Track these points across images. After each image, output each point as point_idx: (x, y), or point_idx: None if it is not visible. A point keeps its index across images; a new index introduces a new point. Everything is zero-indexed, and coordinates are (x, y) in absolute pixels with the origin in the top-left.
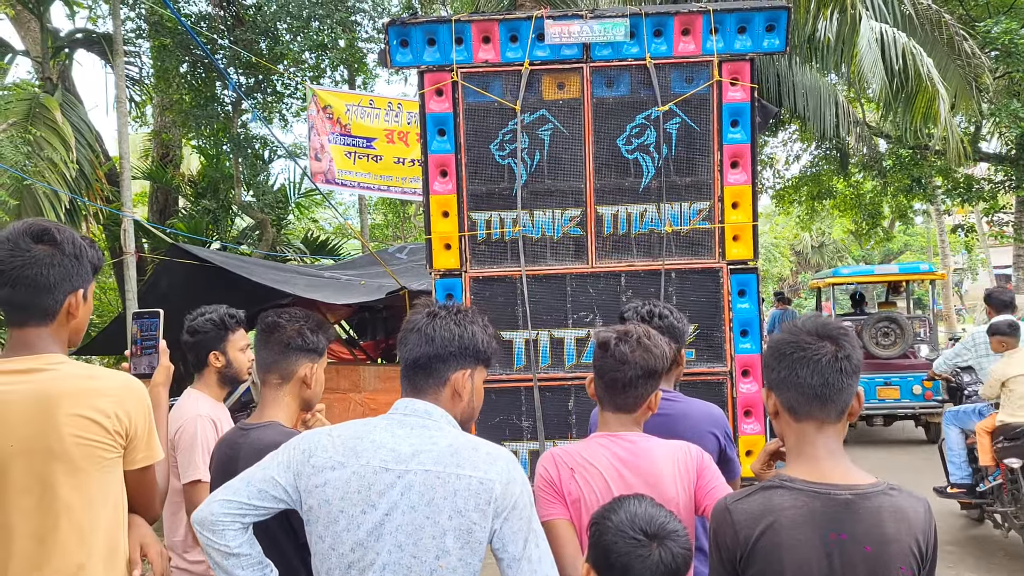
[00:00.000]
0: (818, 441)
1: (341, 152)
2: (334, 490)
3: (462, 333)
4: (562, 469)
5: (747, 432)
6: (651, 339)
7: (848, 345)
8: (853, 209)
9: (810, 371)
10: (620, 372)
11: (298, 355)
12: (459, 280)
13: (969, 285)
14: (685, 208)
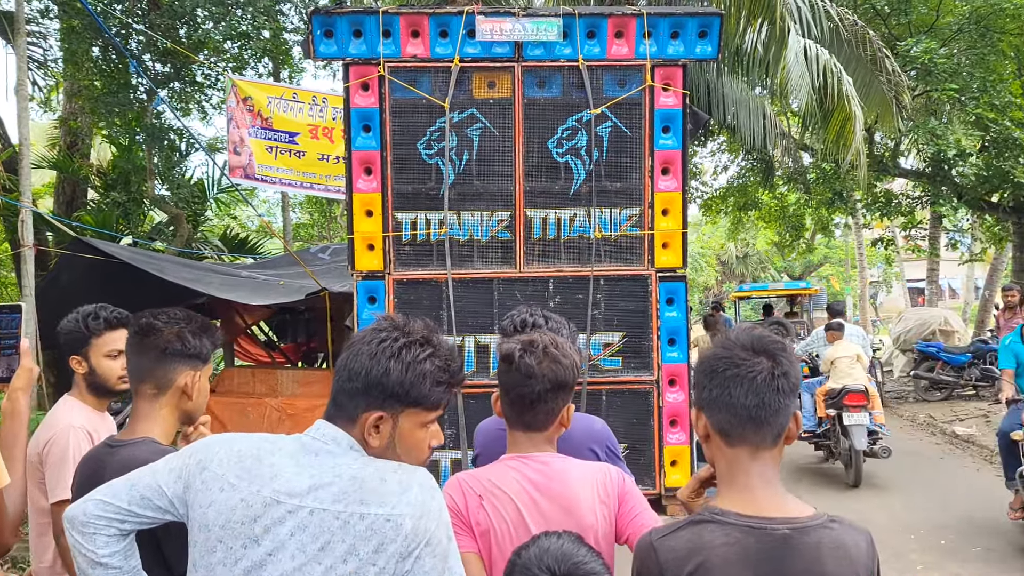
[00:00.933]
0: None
1: (262, 146)
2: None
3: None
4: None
5: (672, 442)
6: (559, 348)
7: (786, 361)
8: (777, 220)
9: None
10: (527, 387)
11: (177, 362)
12: (382, 282)
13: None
14: (615, 214)
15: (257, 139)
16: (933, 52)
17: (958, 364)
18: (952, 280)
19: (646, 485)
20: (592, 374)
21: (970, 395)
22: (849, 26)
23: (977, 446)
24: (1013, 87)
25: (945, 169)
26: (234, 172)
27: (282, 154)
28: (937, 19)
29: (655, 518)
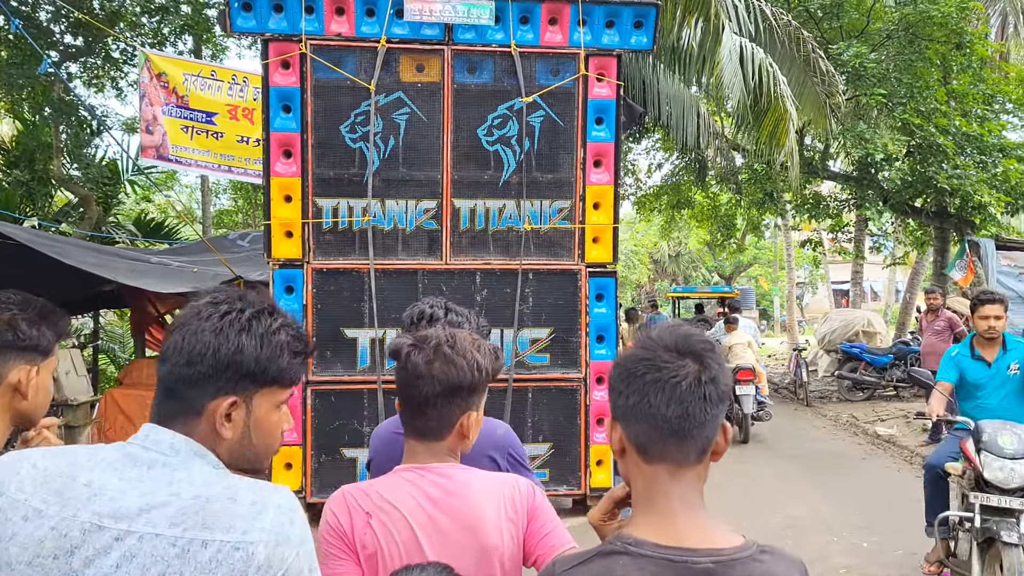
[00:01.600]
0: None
1: (177, 126)
2: (21, 550)
3: (219, 346)
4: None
5: (598, 441)
6: (455, 347)
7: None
8: (710, 220)
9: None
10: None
11: (9, 354)
12: (300, 271)
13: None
14: (546, 206)
15: (172, 118)
16: (863, 57)
17: (880, 365)
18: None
19: (571, 485)
20: (519, 370)
21: (891, 396)
22: (783, 26)
23: (898, 447)
24: (938, 94)
25: (872, 173)
26: (146, 152)
27: (199, 135)
28: (868, 24)
29: (566, 537)
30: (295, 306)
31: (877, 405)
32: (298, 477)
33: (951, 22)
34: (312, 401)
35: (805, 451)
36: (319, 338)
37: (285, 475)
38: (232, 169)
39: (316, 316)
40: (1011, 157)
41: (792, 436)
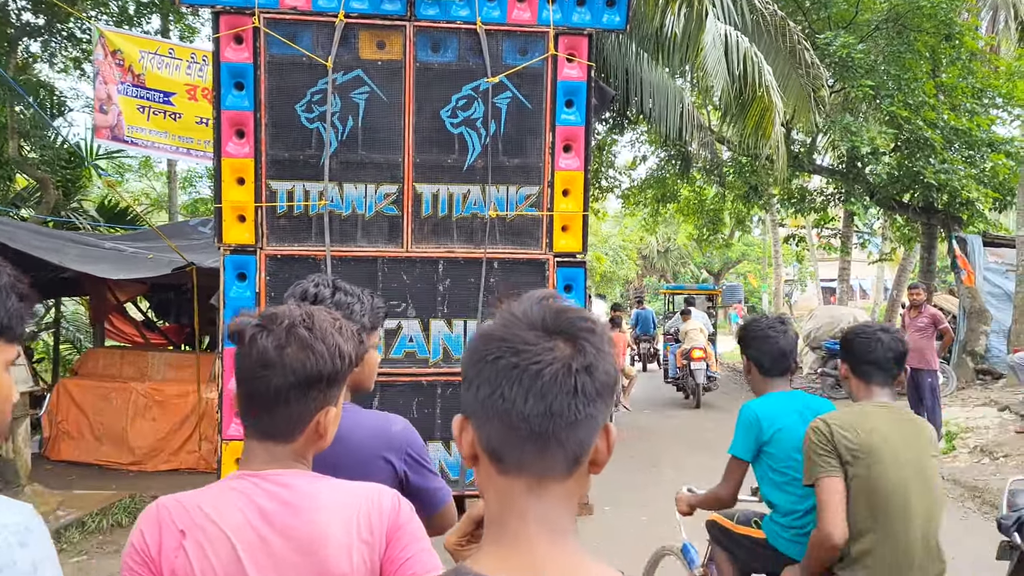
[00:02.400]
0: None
1: (132, 105)
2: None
3: None
4: (166, 533)
5: None
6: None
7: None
8: (695, 214)
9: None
10: (261, 379)
11: None
12: (253, 258)
13: (798, 296)
14: (512, 192)
15: (127, 97)
16: (851, 47)
17: None
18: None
19: None
20: None
21: None
22: (770, 16)
23: None
24: (927, 87)
25: (859, 167)
26: (100, 133)
27: (156, 115)
28: (856, 15)
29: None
30: (247, 294)
31: None
32: None
33: (941, 13)
34: None
35: None
36: None
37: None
38: (191, 152)
39: (270, 304)
40: (1000, 152)
41: None
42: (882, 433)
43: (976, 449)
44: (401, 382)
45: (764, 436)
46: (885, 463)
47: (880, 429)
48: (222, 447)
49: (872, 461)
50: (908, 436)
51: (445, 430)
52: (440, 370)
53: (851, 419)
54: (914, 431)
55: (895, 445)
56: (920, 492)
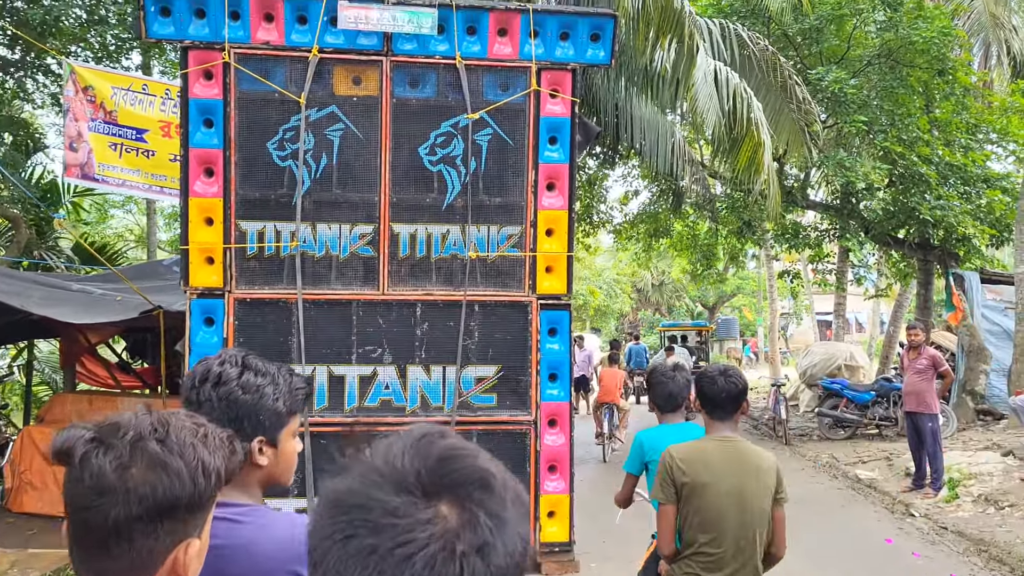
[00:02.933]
0: None
1: (104, 143)
2: None
3: None
4: None
5: (550, 490)
6: (169, 440)
7: (487, 517)
8: (689, 249)
9: None
10: (96, 510)
11: None
12: (221, 301)
13: (794, 329)
14: (493, 232)
15: (99, 134)
16: (843, 82)
17: (862, 402)
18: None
19: None
20: (463, 412)
21: (873, 434)
22: (760, 51)
23: (879, 492)
24: (921, 122)
25: (853, 203)
26: (70, 171)
27: (128, 152)
28: (848, 50)
29: None
30: (214, 339)
31: (859, 445)
32: None
33: (933, 48)
34: None
35: None
36: None
37: None
38: (164, 190)
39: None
40: (995, 188)
41: None
42: (712, 469)
43: (980, 498)
44: (377, 432)
45: (646, 457)
46: (707, 497)
47: (711, 464)
48: None
49: (697, 495)
50: (735, 467)
51: None
52: (418, 419)
53: (691, 455)
54: (740, 462)
55: (720, 476)
56: (735, 514)
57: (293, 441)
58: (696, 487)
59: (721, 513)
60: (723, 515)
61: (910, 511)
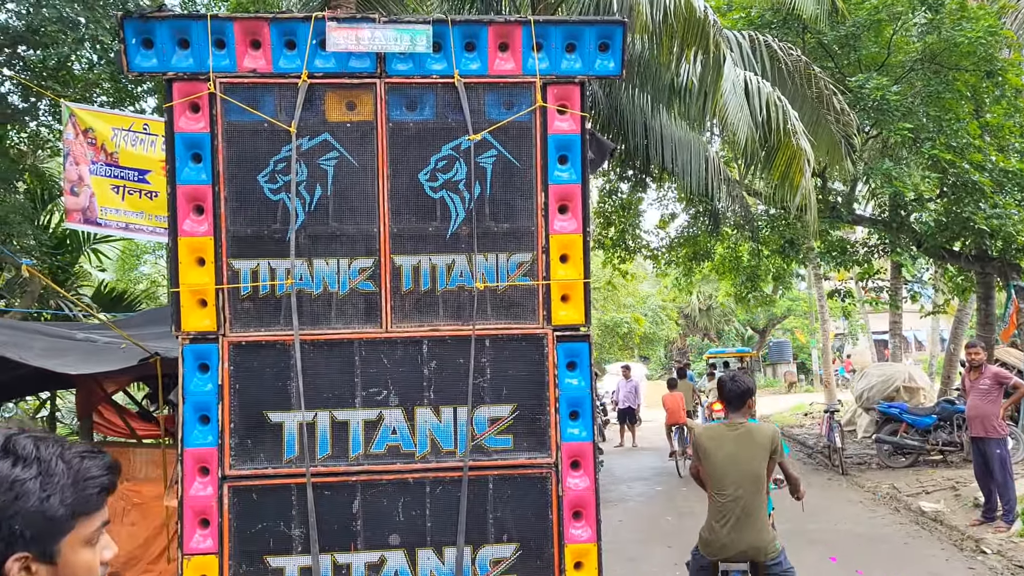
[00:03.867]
0: None
1: (106, 185)
2: None
3: None
4: None
5: (576, 539)
6: None
7: None
8: (731, 272)
9: None
10: None
11: None
12: (215, 346)
13: (850, 350)
14: (502, 260)
15: (100, 177)
16: (885, 89)
17: (923, 427)
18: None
19: None
20: (476, 456)
21: (937, 461)
22: (792, 63)
23: (946, 526)
24: (971, 127)
25: (903, 215)
26: (71, 216)
27: (131, 194)
28: (888, 56)
29: None
30: (209, 387)
31: (921, 473)
32: None
33: (980, 50)
34: (230, 500)
35: (836, 534)
36: (238, 423)
37: None
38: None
39: (234, 398)
40: None
41: (822, 513)
42: (717, 441)
43: None
44: (384, 480)
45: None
46: (715, 461)
47: (718, 438)
48: (183, 563)
49: (708, 458)
50: (735, 441)
51: (437, 534)
52: (428, 465)
53: (708, 432)
54: (740, 437)
55: (725, 449)
56: (732, 474)
57: (87, 551)
58: (708, 452)
59: (723, 470)
60: (724, 472)
61: (981, 547)
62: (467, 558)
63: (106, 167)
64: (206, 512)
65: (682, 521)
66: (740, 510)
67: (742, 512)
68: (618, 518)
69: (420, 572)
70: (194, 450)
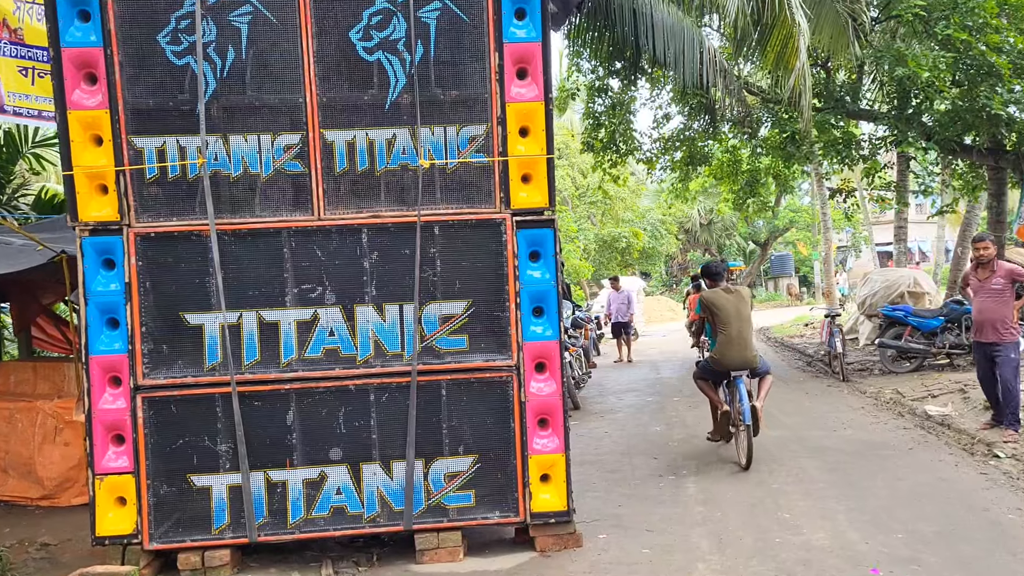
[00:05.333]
0: None
1: (12, 67)
2: None
3: None
4: None
5: (541, 449)
6: None
7: None
8: (730, 177)
9: None
10: None
11: None
12: (119, 238)
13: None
14: (451, 134)
15: (5, 58)
16: None
17: (929, 329)
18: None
19: (506, 509)
20: (426, 359)
21: (943, 365)
22: None
23: (954, 430)
24: (988, 6)
25: (913, 105)
26: None
27: (41, 77)
28: None
29: None
30: (114, 286)
31: (927, 377)
32: (131, 516)
33: None
34: (145, 413)
35: (835, 441)
36: (151, 327)
37: (116, 513)
38: None
39: (145, 298)
40: None
41: (821, 420)
42: (723, 298)
43: None
44: (321, 388)
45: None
46: (722, 310)
47: (724, 297)
48: (95, 484)
49: (717, 308)
50: (733, 297)
51: (385, 447)
52: (372, 370)
53: (711, 294)
54: (734, 295)
55: (726, 301)
56: (735, 318)
57: None
58: (718, 305)
59: (729, 316)
60: (729, 317)
61: (994, 451)
62: (418, 473)
63: (10, 46)
64: (119, 427)
65: (671, 431)
66: (740, 339)
67: (741, 340)
68: (604, 430)
69: (366, 489)
70: (101, 358)
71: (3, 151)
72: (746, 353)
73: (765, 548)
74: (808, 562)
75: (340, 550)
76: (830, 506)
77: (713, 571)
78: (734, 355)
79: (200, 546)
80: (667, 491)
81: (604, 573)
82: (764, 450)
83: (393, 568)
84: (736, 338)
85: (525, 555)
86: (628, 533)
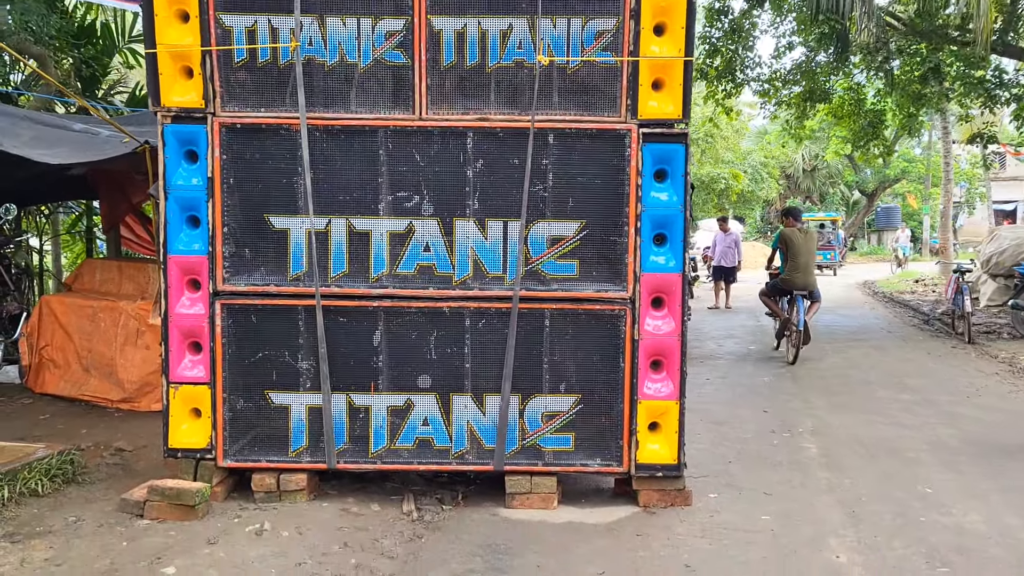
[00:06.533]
0: None
1: None
2: None
3: None
4: None
5: (651, 394)
6: None
7: None
8: (851, 116)
9: None
10: None
11: None
12: (203, 128)
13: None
14: (575, 27)
15: None
16: None
17: None
18: None
19: (608, 458)
20: (530, 285)
21: None
22: None
23: None
24: None
25: None
26: None
27: None
28: None
29: None
30: (196, 180)
31: None
32: (206, 429)
33: None
34: (224, 321)
35: (970, 409)
36: (233, 228)
37: (191, 425)
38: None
39: (228, 196)
40: None
41: (950, 384)
42: (795, 236)
43: None
44: (413, 308)
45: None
46: (796, 243)
47: (796, 235)
48: (168, 393)
49: (792, 243)
50: (803, 236)
51: (478, 378)
52: (469, 292)
53: (787, 232)
54: (804, 235)
55: (799, 238)
56: (804, 252)
57: None
58: (792, 240)
59: (799, 250)
60: (799, 251)
61: None
62: (514, 409)
63: None
64: (196, 334)
65: (780, 383)
66: (806, 268)
67: (807, 269)
68: (704, 376)
69: (455, 422)
70: (180, 258)
71: (100, 43)
72: (808, 279)
73: (907, 527)
74: (965, 550)
75: (423, 484)
76: (978, 483)
77: (849, 548)
78: (799, 279)
79: (276, 467)
80: (782, 450)
81: (719, 539)
82: (889, 414)
83: (479, 510)
84: (803, 267)
85: (626, 509)
86: (743, 495)
